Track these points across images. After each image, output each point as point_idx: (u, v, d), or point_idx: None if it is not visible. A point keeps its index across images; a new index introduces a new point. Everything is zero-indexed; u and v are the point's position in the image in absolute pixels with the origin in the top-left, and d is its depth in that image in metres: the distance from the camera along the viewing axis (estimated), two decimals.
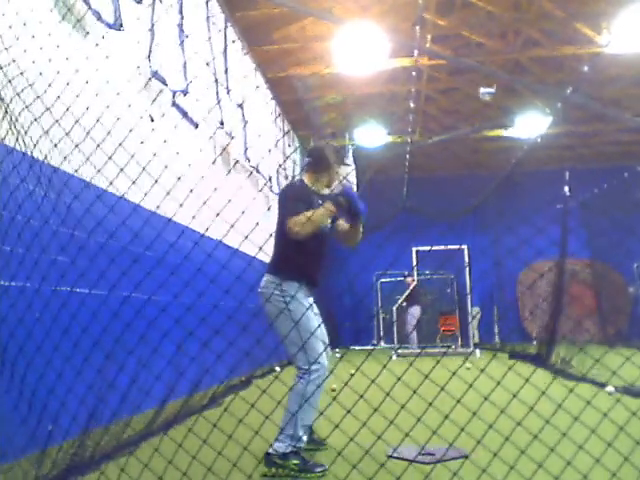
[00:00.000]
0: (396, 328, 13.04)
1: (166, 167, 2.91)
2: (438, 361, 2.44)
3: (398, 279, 13.91)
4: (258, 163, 8.98)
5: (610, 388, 5.27)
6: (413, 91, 10.63)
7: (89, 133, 3.07)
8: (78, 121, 3.12)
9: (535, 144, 11.63)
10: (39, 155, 3.24)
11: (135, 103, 4.55)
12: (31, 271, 3.17)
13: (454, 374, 2.27)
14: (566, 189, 8.89)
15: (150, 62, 5.30)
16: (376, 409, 2.31)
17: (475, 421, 2.47)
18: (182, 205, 2.90)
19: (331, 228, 3.53)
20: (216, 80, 7.11)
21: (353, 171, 11.06)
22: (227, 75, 7.64)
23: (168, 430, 3.87)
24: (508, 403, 2.43)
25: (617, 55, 9.24)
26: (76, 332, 3.24)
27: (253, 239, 2.59)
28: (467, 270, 12.32)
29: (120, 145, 2.88)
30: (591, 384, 5.35)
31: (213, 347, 3.12)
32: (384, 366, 2.37)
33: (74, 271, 3.41)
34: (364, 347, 13.53)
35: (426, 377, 2.37)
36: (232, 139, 7.69)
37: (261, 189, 9.36)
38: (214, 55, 7.19)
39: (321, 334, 3.31)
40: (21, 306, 3.11)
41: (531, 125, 11.76)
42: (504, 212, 12.08)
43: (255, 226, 2.67)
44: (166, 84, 5.61)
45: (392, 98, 12.22)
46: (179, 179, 2.89)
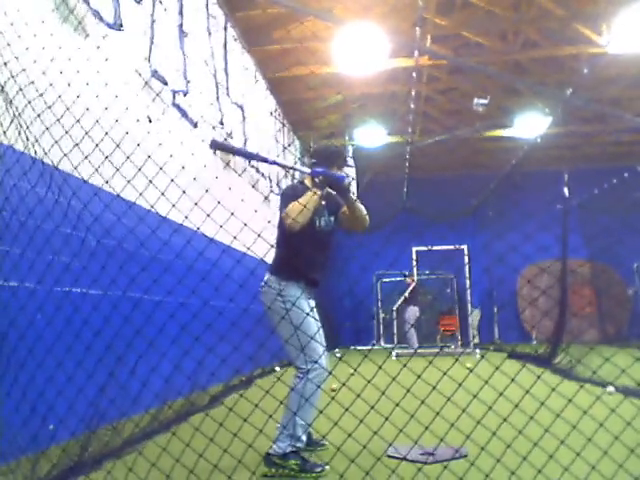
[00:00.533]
0: (396, 328, 13.04)
1: (183, 168, 2.91)
2: (430, 361, 2.45)
3: (398, 279, 13.91)
4: (258, 164, 8.97)
5: (611, 388, 5.26)
6: (413, 91, 10.63)
7: (103, 140, 3.06)
8: (81, 123, 3.12)
9: (535, 144, 11.65)
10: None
11: (136, 103, 4.55)
12: (28, 271, 3.17)
13: (445, 373, 2.27)
14: (565, 190, 8.89)
15: (150, 62, 5.30)
16: (372, 407, 2.32)
17: (474, 421, 2.47)
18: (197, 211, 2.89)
19: (335, 221, 3.51)
20: (216, 80, 7.11)
21: (353, 171, 11.02)
22: (227, 75, 7.64)
23: (170, 429, 3.87)
24: (515, 407, 2.43)
25: (617, 55, 9.24)
26: (75, 332, 3.24)
27: (246, 239, 2.60)
28: (467, 270, 12.32)
29: (117, 145, 2.88)
30: (592, 384, 5.34)
31: (217, 349, 3.12)
32: (379, 367, 2.38)
33: (86, 273, 3.42)
34: (364, 347, 13.53)
35: (418, 377, 2.38)
36: (232, 139, 7.68)
37: (266, 196, 9.35)
38: (214, 55, 7.19)
39: (319, 335, 3.30)
40: (17, 306, 3.11)
41: (531, 125, 11.77)
42: (504, 212, 12.09)
43: (259, 232, 2.67)
44: (166, 84, 5.61)
45: (392, 98, 12.22)
46: (173, 179, 2.89)
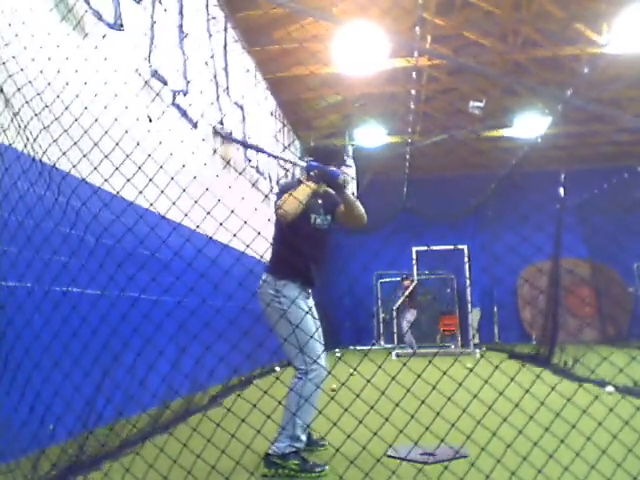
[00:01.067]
0: (396, 328, 13.03)
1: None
2: (430, 361, 2.44)
3: (398, 279, 13.90)
4: (258, 163, 8.97)
5: (610, 388, 5.26)
6: (413, 91, 10.63)
7: (102, 139, 3.06)
8: (80, 123, 3.12)
9: (535, 144, 11.64)
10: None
11: (135, 103, 4.55)
12: (26, 271, 3.17)
13: (445, 373, 2.27)
14: (561, 190, 8.88)
15: (150, 62, 5.30)
16: (372, 407, 2.32)
17: (474, 421, 2.47)
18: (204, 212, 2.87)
19: (332, 220, 3.49)
20: (216, 80, 7.11)
21: (353, 171, 11.02)
22: (227, 75, 7.64)
23: (169, 430, 3.86)
24: (515, 406, 2.43)
25: (617, 55, 9.23)
26: (74, 332, 3.24)
27: (245, 238, 2.60)
28: (467, 270, 12.30)
29: (116, 144, 2.88)
30: (592, 384, 5.34)
31: (215, 349, 3.12)
32: (379, 367, 2.37)
33: (85, 272, 3.42)
34: (364, 347, 13.52)
35: (418, 376, 2.38)
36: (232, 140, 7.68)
37: (266, 195, 9.35)
38: (214, 55, 7.18)
39: (318, 335, 3.29)
40: (18, 307, 3.11)
41: (531, 125, 11.76)
42: (504, 212, 12.09)
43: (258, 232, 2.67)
44: (166, 84, 5.60)
45: (392, 98, 12.22)
46: (173, 178, 2.89)
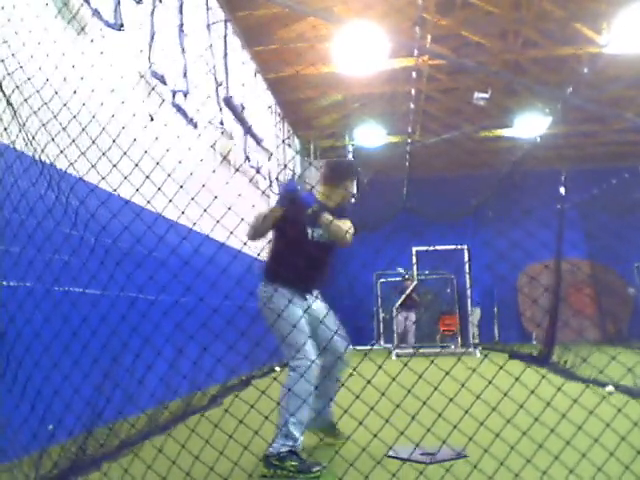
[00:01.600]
0: (395, 328, 13.03)
1: (180, 162, 2.90)
2: (432, 361, 2.45)
3: (398, 279, 13.90)
4: (258, 163, 8.96)
5: (610, 388, 5.26)
6: (413, 91, 10.62)
7: (99, 137, 3.06)
8: (79, 121, 3.12)
9: (535, 144, 11.64)
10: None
11: (134, 101, 4.55)
12: (25, 271, 3.17)
13: (447, 373, 2.27)
14: (562, 190, 8.89)
15: (152, 63, 5.30)
16: (372, 408, 2.32)
17: (476, 422, 2.47)
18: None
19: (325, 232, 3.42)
20: (216, 80, 7.11)
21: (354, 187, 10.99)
22: (227, 75, 7.64)
23: (167, 431, 3.86)
24: (520, 407, 2.43)
25: (617, 55, 9.23)
26: (73, 331, 3.24)
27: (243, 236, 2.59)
28: (467, 269, 12.31)
29: (113, 141, 2.88)
30: (593, 384, 5.34)
31: (214, 349, 3.12)
32: (379, 367, 2.38)
33: (85, 272, 3.42)
34: (364, 347, 13.49)
35: (420, 377, 2.37)
36: (232, 140, 7.68)
37: (263, 191, 9.35)
38: (214, 55, 7.19)
39: (304, 333, 3.25)
40: (18, 306, 3.11)
41: (531, 125, 11.76)
42: (504, 212, 12.08)
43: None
44: (166, 84, 5.60)
45: (392, 98, 12.21)
46: (169, 174, 2.89)
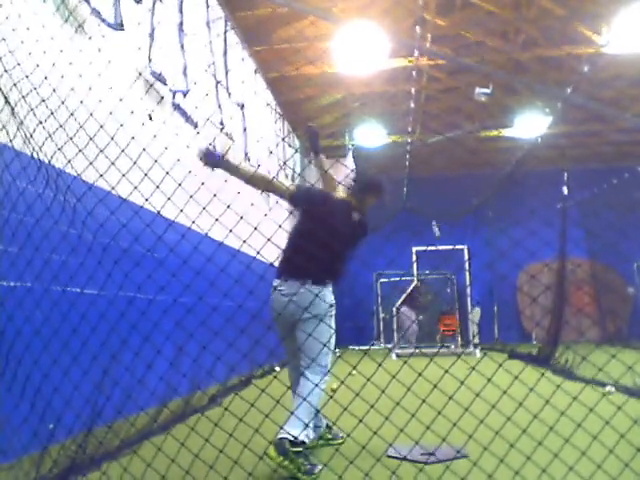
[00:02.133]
0: (395, 328, 13.04)
1: (178, 160, 2.91)
2: (431, 359, 2.45)
3: (398, 279, 13.90)
4: (258, 162, 8.95)
5: (609, 387, 5.27)
6: (413, 91, 10.62)
7: (96, 135, 3.06)
8: (77, 121, 3.12)
9: (535, 144, 11.63)
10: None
11: (132, 100, 4.55)
12: (24, 270, 3.17)
13: (447, 371, 2.27)
14: (564, 189, 8.90)
15: (150, 62, 5.30)
16: (372, 406, 2.32)
17: (476, 420, 2.47)
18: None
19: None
20: (216, 80, 7.11)
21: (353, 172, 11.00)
22: (227, 75, 7.64)
23: (168, 430, 3.87)
24: (519, 405, 2.43)
25: (616, 55, 9.23)
26: (73, 331, 3.24)
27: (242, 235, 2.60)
28: (467, 269, 12.31)
29: (112, 138, 2.88)
30: (592, 384, 5.34)
31: (213, 348, 3.12)
32: (379, 365, 2.38)
33: (83, 272, 3.43)
34: (364, 347, 13.51)
35: (419, 375, 2.38)
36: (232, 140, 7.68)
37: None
38: (214, 55, 7.19)
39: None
40: (17, 305, 3.11)
41: (531, 125, 11.76)
42: (504, 212, 12.08)
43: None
44: (166, 84, 5.60)
45: (392, 98, 12.21)
46: (168, 172, 2.89)
